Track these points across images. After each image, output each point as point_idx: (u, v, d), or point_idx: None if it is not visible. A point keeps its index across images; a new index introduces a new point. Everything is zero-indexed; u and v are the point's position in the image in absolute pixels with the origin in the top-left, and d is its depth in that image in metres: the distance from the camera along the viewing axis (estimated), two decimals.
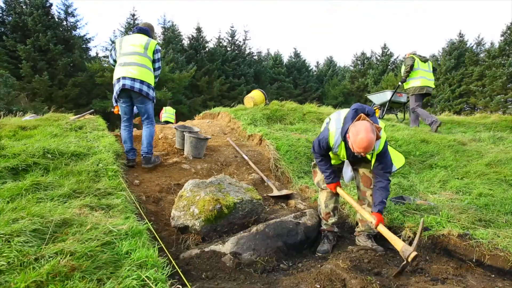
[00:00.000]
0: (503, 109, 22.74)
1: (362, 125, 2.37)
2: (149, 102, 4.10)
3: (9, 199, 2.51)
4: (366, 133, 2.31)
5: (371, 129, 2.35)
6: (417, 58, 6.87)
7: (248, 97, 7.33)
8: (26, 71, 18.17)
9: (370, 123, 2.40)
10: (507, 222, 2.96)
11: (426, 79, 6.76)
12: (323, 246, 2.91)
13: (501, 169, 4.39)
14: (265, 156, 4.99)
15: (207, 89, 25.64)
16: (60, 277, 1.61)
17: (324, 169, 2.91)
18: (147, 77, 4.00)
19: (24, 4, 20.37)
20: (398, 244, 2.37)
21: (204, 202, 2.79)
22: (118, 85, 3.93)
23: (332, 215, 3.03)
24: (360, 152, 2.36)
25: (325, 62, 40.86)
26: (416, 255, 2.21)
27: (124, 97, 4.05)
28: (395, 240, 2.41)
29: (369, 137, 2.30)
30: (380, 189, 2.61)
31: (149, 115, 4.17)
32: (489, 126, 7.18)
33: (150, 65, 4.09)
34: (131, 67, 3.94)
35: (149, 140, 4.16)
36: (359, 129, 2.35)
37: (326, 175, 2.91)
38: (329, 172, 2.89)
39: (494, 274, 2.44)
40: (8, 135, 4.19)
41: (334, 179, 2.90)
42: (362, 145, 2.31)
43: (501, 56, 23.64)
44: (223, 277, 2.33)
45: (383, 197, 2.58)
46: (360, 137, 2.31)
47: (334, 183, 2.91)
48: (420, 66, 6.81)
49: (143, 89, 3.94)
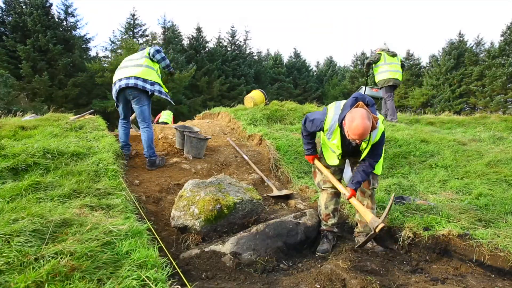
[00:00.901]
0: (503, 109, 22.74)
1: (358, 112, 2.36)
2: (145, 102, 4.09)
3: (9, 199, 2.51)
4: (362, 119, 2.30)
5: (367, 116, 2.33)
6: (385, 53, 7.43)
7: (248, 97, 7.32)
8: (26, 71, 18.17)
9: (367, 111, 2.39)
10: (507, 222, 2.96)
11: (392, 71, 7.34)
12: (323, 246, 2.92)
13: (501, 169, 4.39)
14: (265, 156, 4.99)
15: (207, 89, 25.64)
16: (60, 277, 1.61)
17: (306, 141, 3.02)
18: (143, 73, 4.01)
19: (24, 4, 20.36)
20: (367, 216, 2.54)
21: (204, 202, 2.79)
22: (114, 88, 4.06)
23: (332, 216, 3.03)
24: (355, 138, 2.36)
25: (325, 62, 40.85)
26: (383, 226, 2.37)
27: (122, 99, 4.14)
28: (365, 212, 2.58)
29: (364, 124, 2.29)
30: (363, 171, 2.69)
31: (144, 117, 4.13)
32: (489, 126, 7.18)
33: (150, 63, 4.13)
34: (127, 68, 4.08)
35: (149, 143, 4.16)
36: (355, 116, 2.34)
37: (307, 147, 3.03)
38: (311, 145, 3.02)
39: (494, 274, 2.44)
40: (8, 135, 4.19)
41: (313, 152, 3.04)
42: (357, 131, 2.31)
43: (501, 56, 23.62)
44: (223, 277, 2.33)
45: (362, 179, 2.69)
46: (355, 124, 2.31)
47: (312, 155, 3.04)
48: (387, 61, 7.40)
49: (138, 84, 3.94)
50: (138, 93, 4.00)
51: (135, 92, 4.00)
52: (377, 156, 2.71)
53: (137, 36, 24.60)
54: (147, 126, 4.17)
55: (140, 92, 4.00)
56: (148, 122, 4.18)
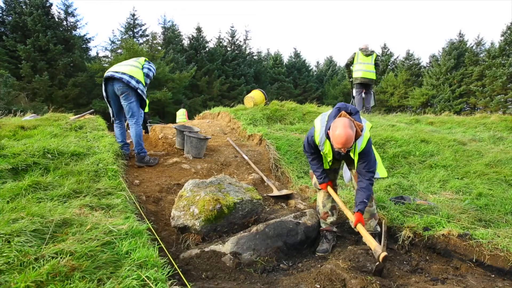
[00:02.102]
0: (503, 109, 22.72)
1: (340, 121, 2.41)
2: (133, 99, 4.16)
3: (9, 199, 2.51)
4: (344, 128, 2.34)
5: (349, 125, 2.38)
6: (359, 52, 7.84)
7: (248, 97, 7.32)
8: (26, 71, 18.18)
9: (349, 120, 2.43)
10: (507, 222, 2.96)
11: (364, 70, 7.76)
12: (322, 246, 2.93)
13: (501, 169, 4.39)
14: (265, 156, 4.99)
15: (207, 89, 25.66)
16: (60, 277, 1.61)
17: (315, 169, 2.97)
18: (131, 71, 4.13)
19: (24, 4, 20.37)
20: (372, 244, 2.45)
21: (204, 202, 2.79)
22: (104, 80, 4.20)
23: (330, 214, 3.05)
24: (340, 147, 2.40)
25: (325, 62, 40.88)
26: (385, 255, 2.29)
27: (112, 94, 4.21)
28: (370, 241, 2.49)
29: (346, 133, 2.33)
30: (361, 189, 2.65)
31: (133, 113, 4.21)
32: (489, 126, 7.18)
33: (139, 68, 4.28)
34: (119, 66, 4.25)
35: (137, 139, 4.26)
36: (337, 125, 2.39)
37: (317, 174, 2.97)
38: (320, 171, 2.95)
39: (494, 274, 2.44)
40: (8, 135, 4.18)
41: (325, 179, 2.96)
42: (340, 140, 2.35)
43: (501, 56, 23.60)
44: (223, 277, 2.33)
45: (364, 197, 2.62)
46: (338, 133, 2.35)
47: (325, 183, 2.97)
48: (360, 60, 7.82)
49: (124, 77, 4.03)
50: (127, 89, 4.09)
51: (123, 88, 4.08)
52: (369, 165, 2.66)
53: (137, 36, 24.62)
54: (135, 122, 4.25)
55: (128, 88, 4.09)
56: (137, 119, 4.25)
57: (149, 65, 4.41)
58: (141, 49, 20.47)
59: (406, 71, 29.70)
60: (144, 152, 4.32)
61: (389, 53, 33.32)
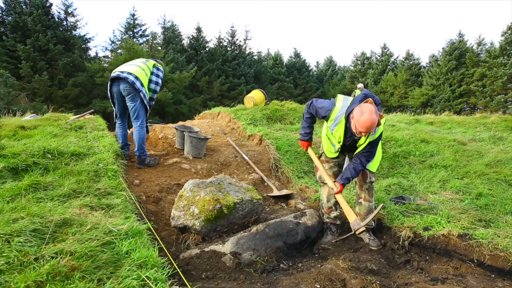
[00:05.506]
0: (503, 109, 22.72)
1: (367, 106, 2.45)
2: (138, 100, 4.10)
3: (9, 199, 2.51)
4: (371, 114, 2.40)
5: (375, 111, 2.44)
6: None
7: (248, 97, 7.32)
8: (26, 71, 18.18)
9: (375, 107, 2.49)
10: (507, 222, 2.96)
11: None
12: (327, 238, 3.02)
13: (501, 169, 4.39)
14: (265, 156, 4.99)
15: (207, 89, 25.64)
16: (60, 277, 1.60)
17: (307, 125, 3.07)
18: (137, 72, 4.08)
19: (24, 4, 20.36)
20: (351, 217, 2.58)
21: (204, 202, 2.79)
22: (109, 80, 4.16)
23: (334, 209, 3.10)
24: (362, 131, 2.44)
25: (325, 62, 40.92)
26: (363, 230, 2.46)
27: (117, 94, 4.16)
28: (349, 212, 2.62)
29: (372, 118, 2.39)
30: (353, 169, 2.72)
31: (138, 115, 4.14)
32: (489, 126, 7.18)
33: (148, 72, 4.22)
34: (126, 65, 4.21)
35: (140, 143, 4.20)
36: (365, 110, 2.43)
37: (305, 131, 3.08)
38: (309, 129, 3.08)
39: (494, 274, 2.44)
40: (8, 135, 4.18)
41: (310, 139, 3.09)
42: (365, 124, 2.40)
43: (502, 56, 23.59)
44: (223, 277, 2.32)
45: (351, 176, 2.73)
46: (365, 117, 2.40)
47: (307, 142, 3.10)
48: None
49: (129, 77, 3.98)
50: (133, 90, 4.04)
51: (129, 88, 4.03)
52: (370, 155, 2.76)
53: (137, 36, 24.62)
54: (140, 125, 4.19)
55: (134, 89, 4.04)
56: (142, 121, 4.19)
57: (157, 72, 4.29)
58: (141, 49, 20.47)
59: (406, 71, 29.69)
60: (145, 155, 4.28)
61: (389, 53, 33.32)
